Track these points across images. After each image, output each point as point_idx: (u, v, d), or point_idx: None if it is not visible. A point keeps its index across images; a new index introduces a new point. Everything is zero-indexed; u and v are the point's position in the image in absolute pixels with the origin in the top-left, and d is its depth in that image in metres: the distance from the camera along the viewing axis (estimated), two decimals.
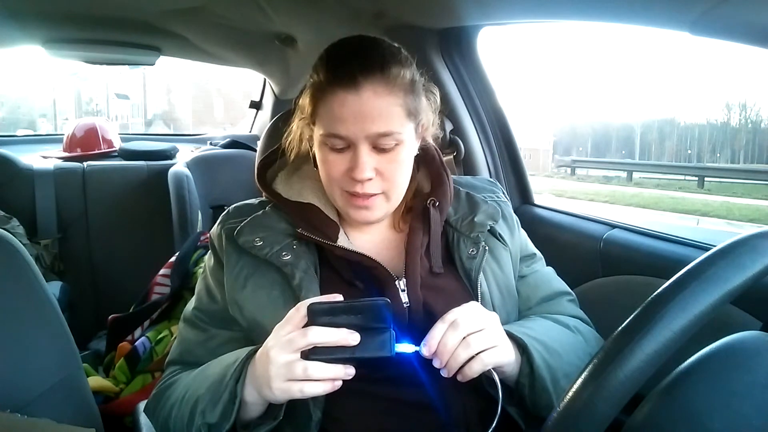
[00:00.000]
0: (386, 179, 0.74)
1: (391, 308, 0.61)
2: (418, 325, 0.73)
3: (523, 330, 0.72)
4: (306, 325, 0.62)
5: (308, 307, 0.62)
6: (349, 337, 0.60)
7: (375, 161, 0.72)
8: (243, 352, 0.70)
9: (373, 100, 0.70)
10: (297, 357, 0.61)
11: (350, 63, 0.71)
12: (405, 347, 0.63)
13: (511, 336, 0.70)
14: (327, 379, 0.61)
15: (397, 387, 0.71)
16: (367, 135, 0.71)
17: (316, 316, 0.61)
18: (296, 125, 0.82)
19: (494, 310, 0.77)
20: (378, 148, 0.72)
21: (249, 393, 0.66)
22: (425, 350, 0.64)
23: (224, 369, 0.69)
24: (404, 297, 0.74)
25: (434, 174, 0.84)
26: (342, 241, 0.78)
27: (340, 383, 0.62)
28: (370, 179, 0.73)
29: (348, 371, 0.62)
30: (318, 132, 0.74)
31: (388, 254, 0.80)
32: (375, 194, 0.74)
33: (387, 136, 0.71)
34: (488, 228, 0.82)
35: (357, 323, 0.61)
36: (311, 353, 0.61)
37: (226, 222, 0.81)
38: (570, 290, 0.92)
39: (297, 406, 0.70)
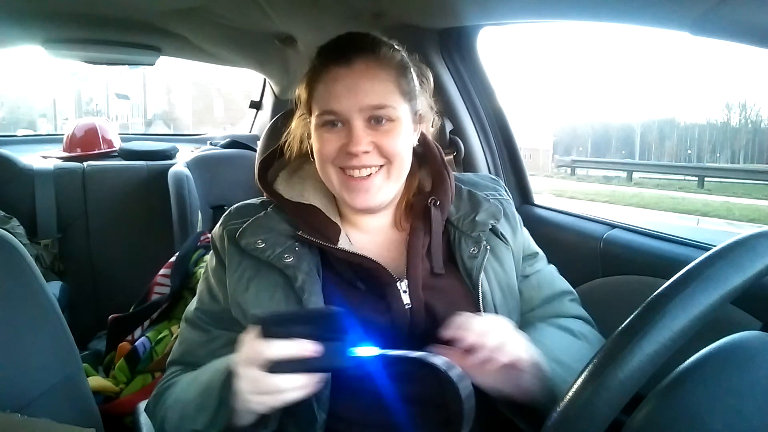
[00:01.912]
0: (384, 152, 0.74)
1: (345, 318, 0.58)
2: (420, 326, 0.73)
3: (541, 352, 0.69)
4: (262, 337, 0.60)
5: (257, 319, 0.59)
6: (308, 349, 0.58)
7: (370, 135, 0.74)
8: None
9: (365, 73, 0.73)
10: (262, 372, 0.58)
11: (343, 45, 0.76)
12: (366, 351, 0.60)
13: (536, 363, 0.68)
14: (299, 387, 0.59)
15: (402, 384, 0.71)
16: (360, 108, 0.72)
17: (269, 327, 0.59)
18: (296, 123, 0.83)
19: (495, 309, 0.77)
20: (372, 124, 0.74)
21: (237, 401, 0.64)
22: (454, 332, 0.63)
23: (213, 375, 0.69)
24: (406, 298, 0.74)
25: (435, 172, 0.84)
26: (343, 242, 0.78)
27: (316, 387, 0.61)
28: (367, 152, 0.73)
29: (318, 377, 0.60)
30: (314, 115, 0.76)
31: (390, 255, 0.79)
32: (373, 167, 0.74)
33: (380, 108, 0.73)
34: (490, 227, 0.82)
35: (311, 333, 0.58)
36: (273, 366, 0.58)
37: (228, 223, 0.81)
38: (572, 289, 0.92)
39: (301, 409, 0.70)
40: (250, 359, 0.59)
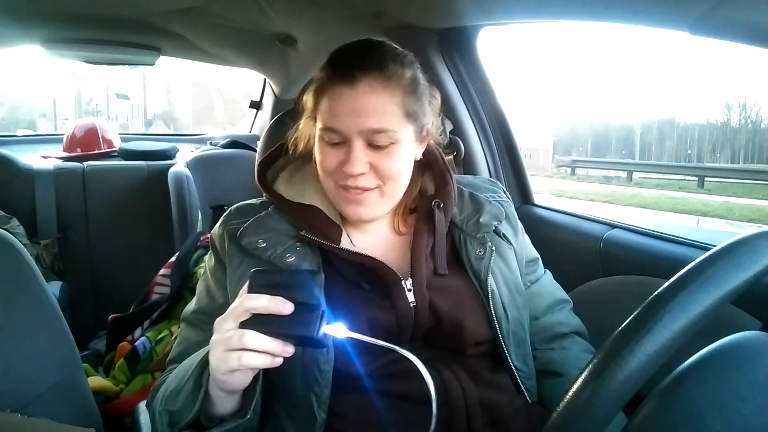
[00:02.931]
0: (381, 174, 0.74)
1: (318, 282, 0.58)
2: (424, 324, 0.74)
3: None
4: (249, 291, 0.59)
5: (251, 272, 0.60)
6: (281, 306, 0.56)
7: (369, 157, 0.73)
8: None
9: (368, 96, 0.71)
10: (236, 327, 0.58)
11: (350, 60, 0.73)
12: (336, 330, 0.59)
13: None
14: (263, 351, 0.57)
15: (401, 382, 0.71)
16: (360, 130, 0.71)
17: (256, 282, 0.59)
18: (303, 123, 0.83)
19: (504, 308, 0.78)
20: (373, 145, 0.73)
21: (212, 385, 0.63)
22: None
23: (195, 358, 0.68)
24: (410, 297, 0.74)
25: (438, 175, 0.85)
26: (345, 243, 0.78)
27: (280, 360, 0.58)
28: (363, 174, 0.73)
29: (287, 348, 0.58)
30: (318, 126, 0.76)
31: (392, 255, 0.79)
32: (368, 189, 0.75)
33: (381, 132, 0.72)
34: (493, 228, 0.83)
35: (292, 296, 0.57)
36: (248, 324, 0.58)
37: (228, 223, 0.81)
38: (568, 297, 0.97)
39: (300, 407, 0.70)
40: (231, 311, 0.59)
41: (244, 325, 0.57)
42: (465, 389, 0.72)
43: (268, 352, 0.57)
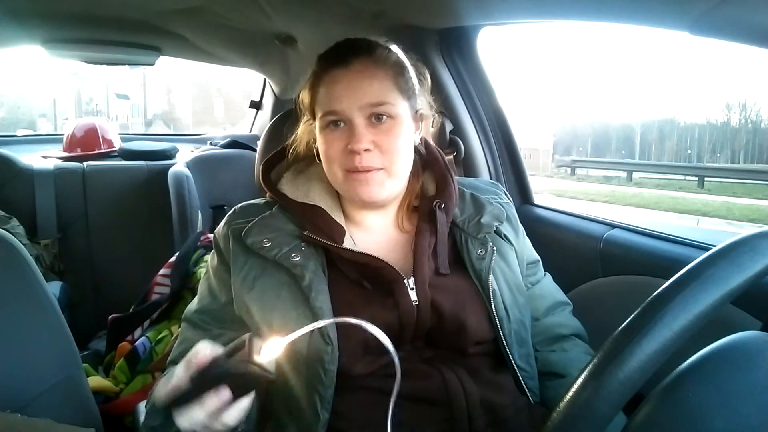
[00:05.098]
0: (385, 152, 0.76)
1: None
2: (426, 323, 0.74)
3: None
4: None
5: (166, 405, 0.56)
6: (223, 397, 0.55)
7: (371, 134, 0.75)
8: None
9: (363, 73, 0.76)
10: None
11: (340, 49, 0.79)
12: (273, 349, 0.55)
13: None
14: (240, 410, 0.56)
15: (404, 381, 0.71)
16: (360, 106, 0.74)
17: (180, 404, 0.55)
18: (302, 129, 0.84)
19: (505, 308, 0.79)
20: (373, 122, 0.75)
21: None
22: None
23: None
24: (413, 296, 0.74)
25: (439, 176, 0.86)
26: (348, 243, 0.79)
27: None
28: (368, 150, 0.75)
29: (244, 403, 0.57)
30: (318, 118, 0.78)
31: (395, 256, 0.80)
32: (375, 168, 0.76)
33: (379, 105, 0.75)
34: (494, 229, 0.83)
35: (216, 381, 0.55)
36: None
37: (232, 222, 0.81)
38: (567, 299, 0.98)
39: (303, 407, 0.70)
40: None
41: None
42: (466, 389, 0.72)
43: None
